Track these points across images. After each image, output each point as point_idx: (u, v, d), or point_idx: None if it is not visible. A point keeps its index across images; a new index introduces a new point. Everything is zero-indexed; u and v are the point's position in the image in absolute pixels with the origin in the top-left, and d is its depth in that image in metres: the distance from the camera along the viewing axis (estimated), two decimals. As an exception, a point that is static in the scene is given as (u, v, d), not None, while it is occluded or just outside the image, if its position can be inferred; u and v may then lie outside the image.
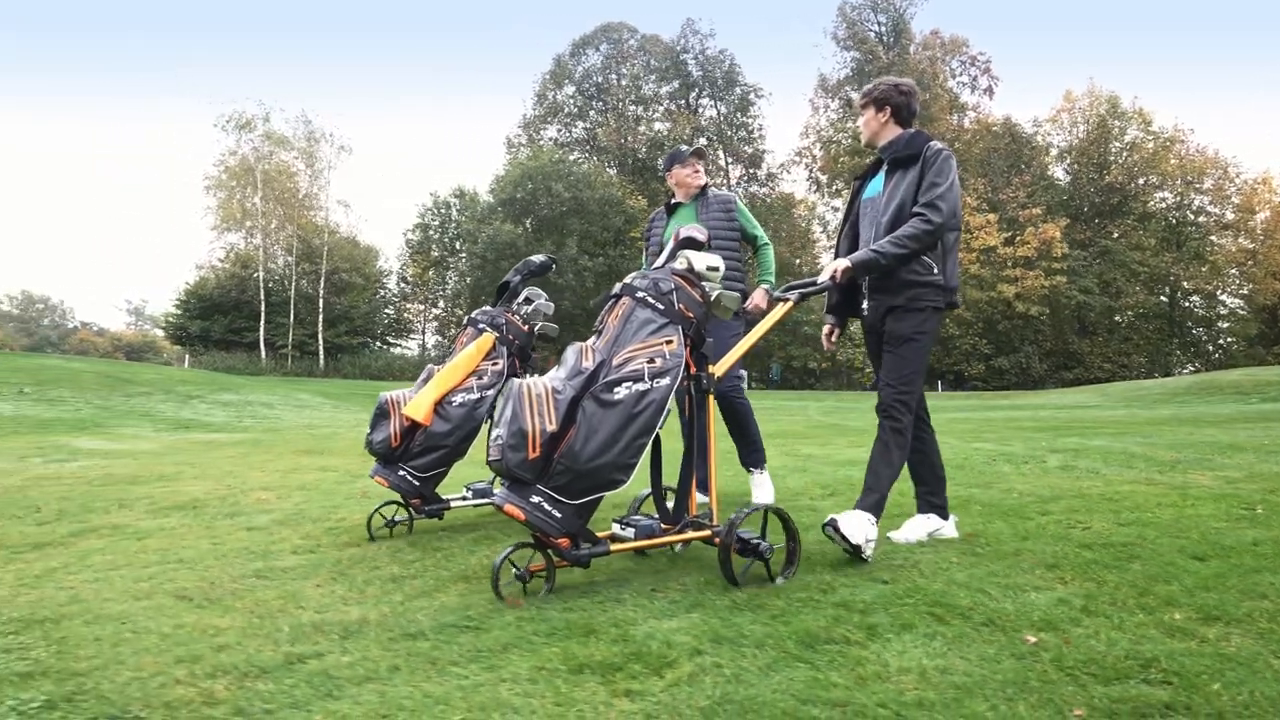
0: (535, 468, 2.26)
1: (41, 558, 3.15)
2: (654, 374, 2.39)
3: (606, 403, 2.32)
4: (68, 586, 2.69)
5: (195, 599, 2.49)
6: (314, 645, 2.00)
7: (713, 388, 2.67)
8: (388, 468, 3.41)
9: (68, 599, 2.52)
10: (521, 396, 2.29)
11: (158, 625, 2.19)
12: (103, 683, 1.75)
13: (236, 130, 34.76)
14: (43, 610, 2.37)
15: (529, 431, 2.24)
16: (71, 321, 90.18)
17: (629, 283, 2.64)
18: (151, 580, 2.74)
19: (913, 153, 3.02)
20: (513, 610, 2.28)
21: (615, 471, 2.31)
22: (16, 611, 2.37)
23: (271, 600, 2.45)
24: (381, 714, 1.58)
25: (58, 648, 2.00)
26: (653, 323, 2.51)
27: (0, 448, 8.53)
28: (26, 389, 13.90)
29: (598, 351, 2.49)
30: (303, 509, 4.25)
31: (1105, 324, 43.08)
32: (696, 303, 2.61)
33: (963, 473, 5.55)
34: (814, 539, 3.14)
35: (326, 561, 3.02)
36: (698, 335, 2.62)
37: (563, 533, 2.31)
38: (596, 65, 49.11)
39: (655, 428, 2.39)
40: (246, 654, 1.92)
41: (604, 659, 1.85)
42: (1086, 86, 46.50)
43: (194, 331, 34.37)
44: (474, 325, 3.63)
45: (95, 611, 2.34)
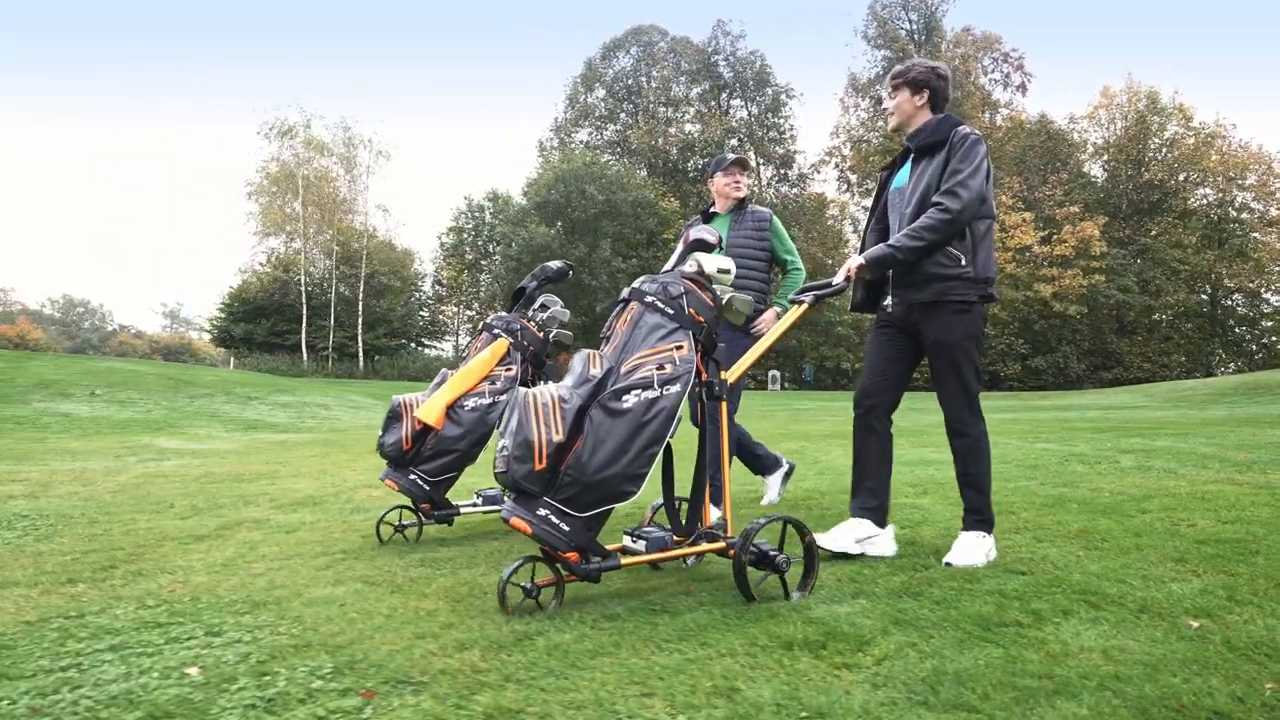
0: (542, 479, 2.21)
1: (210, 549, 3.40)
2: (663, 381, 2.33)
3: (614, 411, 2.27)
4: (258, 574, 2.92)
5: (385, 585, 2.71)
6: (532, 625, 2.21)
7: (725, 395, 2.60)
8: (398, 471, 3.40)
9: (267, 584, 2.75)
10: (527, 406, 2.24)
11: (374, 607, 2.41)
12: (370, 654, 1.97)
13: (278, 137, 35.64)
14: (256, 594, 2.61)
15: (535, 442, 2.19)
16: (110, 324, 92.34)
17: (637, 287, 2.57)
18: (333, 569, 2.98)
19: (940, 138, 2.87)
20: (690, 596, 2.48)
21: (624, 482, 2.25)
22: (233, 594, 2.61)
23: (456, 587, 2.66)
24: (634, 681, 1.77)
25: (300, 625, 2.23)
26: (662, 328, 2.45)
27: (93, 447, 8.93)
28: (98, 391, 14.42)
29: (606, 358, 2.44)
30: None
31: (1144, 323, 42.47)
32: (707, 307, 2.54)
33: (1039, 472, 5.66)
34: (923, 535, 3.29)
35: (480, 553, 3.24)
36: (709, 340, 2.55)
37: (571, 546, 2.25)
38: (627, 68, 49.43)
39: (666, 436, 2.33)
40: (475, 632, 2.13)
41: (805, 637, 2.03)
42: (1125, 82, 45.92)
43: (238, 334, 35.19)
44: (489, 330, 3.61)
45: (305, 595, 2.57)
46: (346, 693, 1.75)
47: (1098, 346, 41.25)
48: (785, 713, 1.60)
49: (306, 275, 35.83)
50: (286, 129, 35.25)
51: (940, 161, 2.82)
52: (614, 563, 2.36)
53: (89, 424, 11.53)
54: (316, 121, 36.74)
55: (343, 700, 1.70)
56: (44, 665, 1.94)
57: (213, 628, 2.21)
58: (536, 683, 1.77)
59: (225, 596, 2.58)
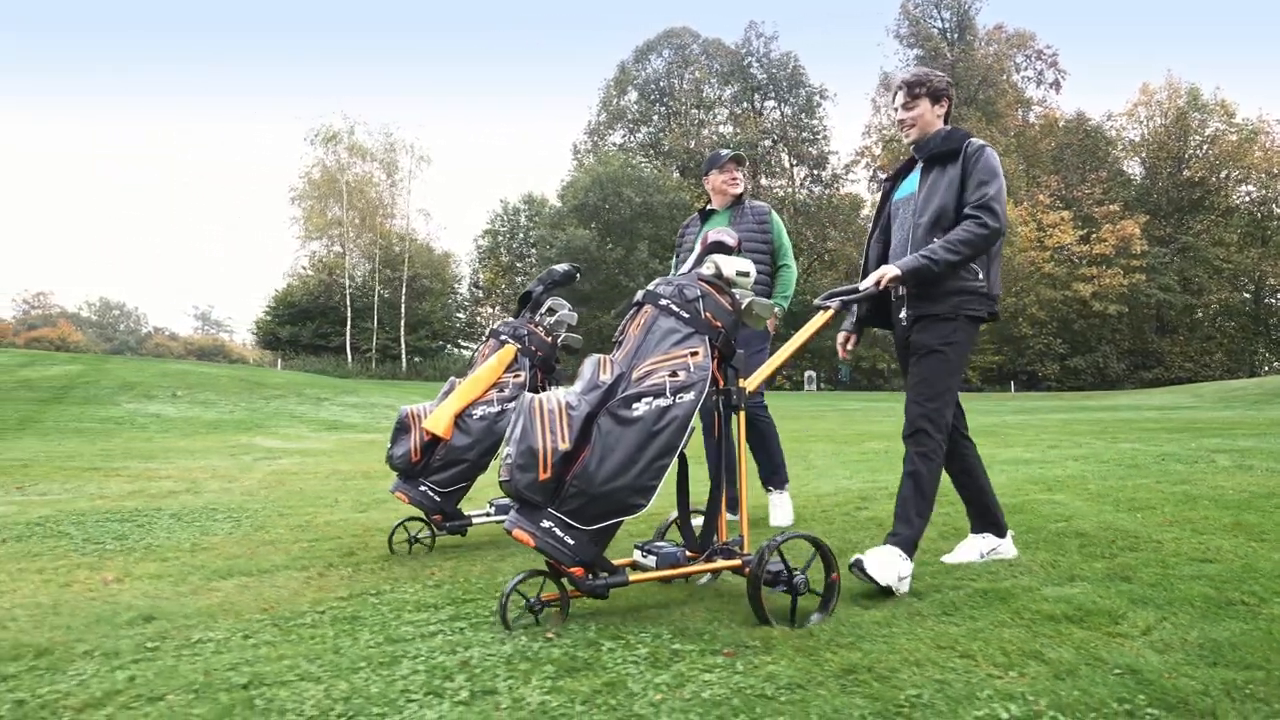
0: (546, 490, 2.12)
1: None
2: (676, 388, 2.23)
3: (624, 419, 2.17)
4: (497, 559, 3.23)
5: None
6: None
7: (743, 403, 2.47)
8: (408, 483, 3.32)
9: (515, 568, 3.05)
10: (532, 412, 2.16)
11: (650, 584, 2.67)
12: (692, 624, 2.26)
13: (323, 143, 36.42)
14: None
15: (539, 450, 2.10)
16: (145, 326, 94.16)
17: (652, 289, 2.47)
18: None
19: (952, 148, 2.79)
20: (905, 586, 2.72)
21: (633, 495, 2.15)
22: (491, 578, 2.92)
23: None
24: (945, 645, 2.04)
25: (609, 601, 2.51)
26: (676, 332, 2.34)
27: (201, 446, 9.36)
28: (179, 393, 14.96)
29: (617, 364, 2.34)
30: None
31: (1185, 322, 42.01)
32: (725, 311, 2.43)
33: (1143, 472, 5.82)
34: (1079, 527, 3.48)
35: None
36: (726, 346, 2.43)
37: (576, 561, 2.15)
38: (660, 70, 49.77)
39: (678, 447, 2.22)
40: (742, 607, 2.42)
41: (1062, 613, 2.26)
42: (1165, 79, 45.46)
43: (284, 336, 36.00)
44: (496, 337, 3.53)
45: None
46: (706, 652, 2.01)
47: (1138, 346, 40.88)
48: (1099, 669, 1.85)
49: (349, 279, 36.57)
50: (331, 135, 36.06)
51: (955, 174, 2.76)
52: (621, 579, 2.25)
53: (183, 424, 12.02)
54: (359, 128, 37.45)
55: (712, 658, 1.97)
56: (419, 632, 2.25)
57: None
58: (859, 645, 2.04)
59: (487, 579, 2.89)
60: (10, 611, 2.50)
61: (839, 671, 1.86)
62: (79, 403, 13.45)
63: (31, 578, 3.04)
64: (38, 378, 15.46)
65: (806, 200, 47.17)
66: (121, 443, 9.63)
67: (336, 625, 2.31)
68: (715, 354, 2.40)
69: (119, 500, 5.11)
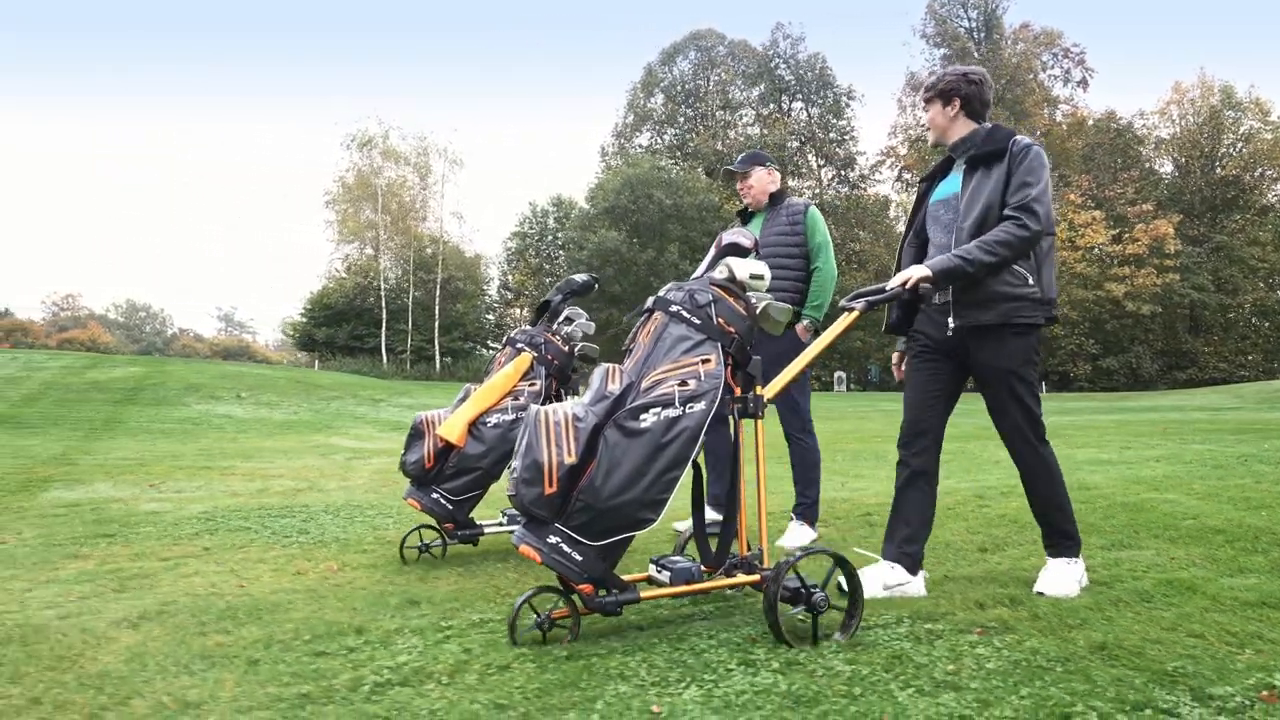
0: (552, 504, 2.08)
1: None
2: (686, 398, 2.16)
3: (631, 431, 2.11)
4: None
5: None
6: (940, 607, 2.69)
7: (761, 412, 2.39)
8: (421, 490, 3.31)
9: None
10: (538, 425, 2.13)
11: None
12: (920, 607, 2.51)
13: (359, 149, 36.99)
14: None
15: (544, 464, 2.07)
16: (171, 328, 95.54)
17: (662, 295, 2.41)
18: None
19: (996, 148, 2.67)
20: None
21: (642, 509, 2.10)
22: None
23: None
24: (1175, 627, 2.28)
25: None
26: (687, 339, 2.27)
27: (286, 446, 9.69)
28: (243, 394, 15.38)
29: (626, 373, 2.30)
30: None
31: (1220, 322, 41.66)
32: (739, 316, 2.35)
33: (1230, 472, 5.92)
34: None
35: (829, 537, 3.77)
36: (740, 352, 2.35)
37: (584, 577, 2.11)
38: (687, 73, 50.02)
39: (688, 459, 2.17)
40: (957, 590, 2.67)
41: (1258, 599, 2.49)
42: (1197, 77, 45.07)
43: (320, 338, 36.59)
44: (512, 345, 3.49)
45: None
46: (958, 630, 2.26)
47: (1171, 346, 40.60)
48: None
49: (384, 281, 37.12)
50: (366, 140, 36.62)
51: (1001, 173, 2.64)
52: (633, 595, 2.20)
53: (257, 425, 12.39)
54: (394, 132, 38.01)
55: (967, 635, 2.22)
56: (676, 614, 2.51)
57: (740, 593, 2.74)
58: (1088, 626, 2.28)
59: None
60: (287, 597, 2.77)
61: (1092, 648, 2.09)
62: (150, 404, 13.88)
63: (258, 567, 3.31)
64: (106, 379, 15.94)
65: (834, 200, 47.23)
66: (210, 443, 9.98)
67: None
68: (729, 361, 2.33)
69: (259, 497, 5.41)
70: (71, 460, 7.53)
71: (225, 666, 2.04)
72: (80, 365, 18.07)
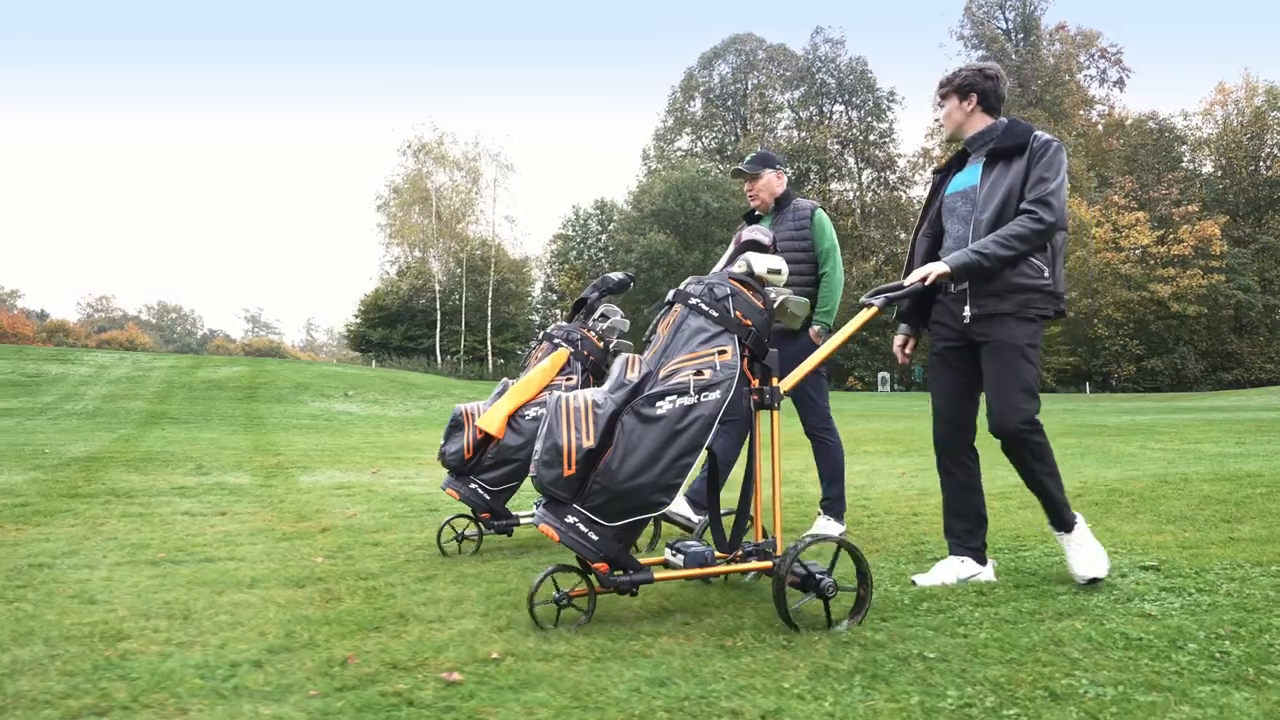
0: (570, 486, 2.15)
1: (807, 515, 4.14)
2: (701, 387, 2.22)
3: (647, 418, 2.18)
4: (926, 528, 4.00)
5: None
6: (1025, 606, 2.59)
7: (777, 403, 2.44)
8: (459, 480, 3.34)
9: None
10: (559, 410, 2.20)
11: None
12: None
13: (414, 155, 38.03)
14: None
15: (564, 447, 2.15)
16: (201, 329, 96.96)
17: (682, 289, 2.46)
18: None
19: (1017, 143, 2.67)
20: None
21: (656, 493, 2.17)
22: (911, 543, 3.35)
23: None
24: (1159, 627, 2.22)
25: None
26: (705, 331, 2.32)
27: (431, 440, 10.39)
28: (350, 392, 16.19)
29: (645, 363, 2.35)
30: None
31: (1266, 323, 41.55)
32: (756, 309, 2.39)
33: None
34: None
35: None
36: (757, 345, 2.38)
37: (599, 556, 2.18)
38: (727, 76, 50.59)
39: (701, 446, 2.23)
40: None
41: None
42: (1241, 77, 44.96)
43: (375, 339, 37.58)
44: (549, 340, 3.52)
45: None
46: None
47: (1215, 347, 40.48)
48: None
49: (438, 283, 38.08)
50: (421, 145, 37.61)
51: (1021, 168, 2.65)
52: (647, 576, 2.26)
53: (379, 422, 13.08)
54: (447, 138, 38.94)
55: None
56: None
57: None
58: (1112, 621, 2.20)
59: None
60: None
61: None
62: (271, 401, 14.70)
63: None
64: (218, 378, 16.80)
65: (873, 202, 47.60)
66: (362, 437, 10.52)
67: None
68: (745, 352, 2.37)
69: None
70: (273, 451, 8.25)
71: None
72: (186, 365, 19.00)
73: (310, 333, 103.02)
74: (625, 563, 2.24)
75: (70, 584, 2.69)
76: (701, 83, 50.48)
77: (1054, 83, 46.14)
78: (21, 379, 15.74)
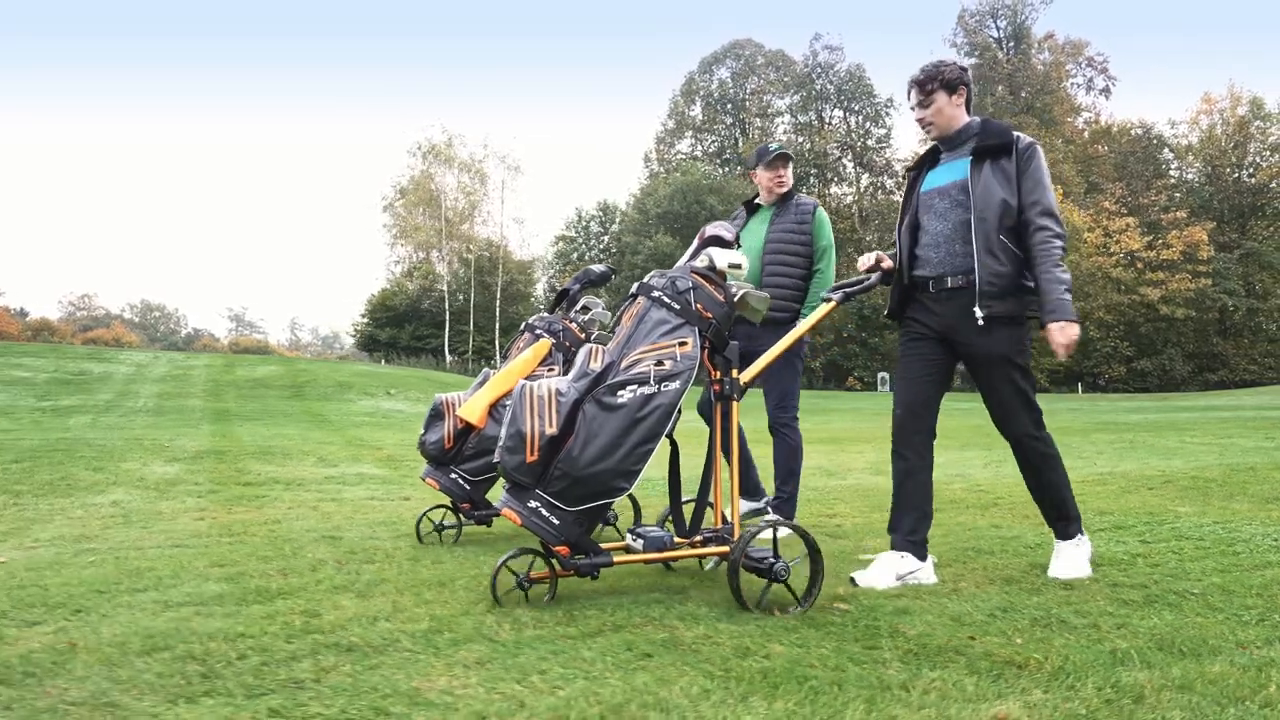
0: (534, 472, 2.20)
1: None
2: (661, 377, 2.28)
3: (609, 406, 2.23)
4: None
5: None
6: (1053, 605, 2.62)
7: (737, 394, 2.49)
8: (439, 470, 3.30)
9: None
10: (523, 398, 2.23)
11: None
12: None
13: (424, 157, 38.24)
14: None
15: (527, 434, 2.19)
16: (185, 327, 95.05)
17: (646, 281, 2.49)
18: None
19: (1002, 141, 2.66)
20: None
21: (616, 478, 2.22)
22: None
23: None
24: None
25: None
26: (667, 323, 2.37)
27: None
28: (391, 391, 16.54)
29: (608, 353, 2.39)
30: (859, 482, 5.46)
31: (1249, 325, 42.76)
32: (717, 303, 2.44)
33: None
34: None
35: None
36: (717, 337, 2.43)
37: (561, 540, 2.22)
38: (727, 81, 51.16)
39: (661, 434, 2.28)
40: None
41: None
42: (1226, 88, 46.09)
43: (383, 339, 37.79)
44: (531, 331, 3.49)
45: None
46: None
47: (1201, 349, 41.55)
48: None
49: (447, 284, 38.33)
50: (431, 148, 37.83)
51: (1011, 169, 2.64)
52: (606, 559, 2.30)
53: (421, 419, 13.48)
54: (456, 140, 39.15)
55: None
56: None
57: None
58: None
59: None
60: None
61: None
62: (319, 399, 15.00)
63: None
64: (260, 377, 17.07)
65: (870, 206, 48.34)
66: (414, 436, 10.99)
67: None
68: (706, 345, 2.42)
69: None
70: (368, 445, 8.63)
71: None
72: (220, 364, 19.24)
73: (295, 332, 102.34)
74: (586, 546, 2.28)
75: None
76: (701, 87, 50.97)
77: (1044, 90, 47.14)
78: (68, 377, 15.97)
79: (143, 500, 4.57)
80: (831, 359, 40.27)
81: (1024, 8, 48.15)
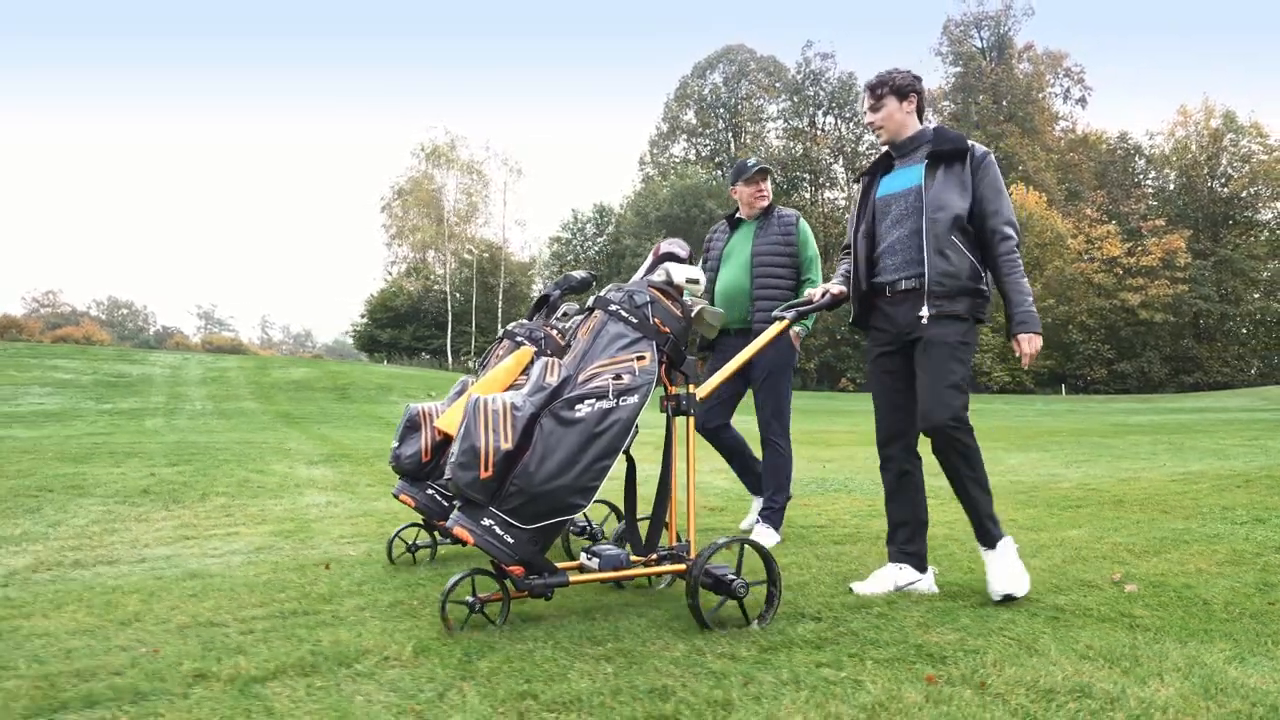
0: (487, 488, 2.11)
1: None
2: (619, 391, 2.23)
3: (566, 421, 2.16)
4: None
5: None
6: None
7: (693, 409, 2.44)
8: (415, 485, 3.08)
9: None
10: (477, 412, 2.15)
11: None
12: None
13: (427, 158, 38.25)
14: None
15: (481, 449, 2.10)
16: (154, 325, 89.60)
17: (602, 295, 2.46)
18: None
19: (956, 147, 2.68)
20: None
21: (573, 495, 2.15)
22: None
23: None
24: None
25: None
26: (624, 337, 2.33)
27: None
28: (432, 393, 16.83)
29: (565, 367, 2.33)
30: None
31: (1222, 330, 44.51)
32: (674, 317, 2.42)
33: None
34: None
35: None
36: (675, 352, 2.41)
37: (515, 559, 2.13)
38: (719, 85, 51.73)
39: (619, 449, 2.22)
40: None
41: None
42: (1201, 100, 47.70)
43: (384, 340, 37.76)
44: (511, 338, 3.36)
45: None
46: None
47: (1177, 352, 43.10)
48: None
49: (450, 285, 38.39)
50: (433, 149, 37.85)
51: (963, 175, 2.66)
52: (562, 579, 2.22)
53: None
54: (459, 142, 39.17)
55: None
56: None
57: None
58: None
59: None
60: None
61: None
62: (367, 401, 15.17)
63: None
64: (299, 379, 17.19)
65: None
66: None
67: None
68: (664, 359, 2.38)
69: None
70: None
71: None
72: (252, 366, 19.30)
73: (266, 330, 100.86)
74: (540, 566, 2.19)
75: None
76: (695, 91, 51.52)
77: (1026, 100, 48.46)
78: (109, 379, 15.98)
79: (352, 501, 4.57)
80: (825, 360, 41.07)
81: (1007, 19, 49.36)
